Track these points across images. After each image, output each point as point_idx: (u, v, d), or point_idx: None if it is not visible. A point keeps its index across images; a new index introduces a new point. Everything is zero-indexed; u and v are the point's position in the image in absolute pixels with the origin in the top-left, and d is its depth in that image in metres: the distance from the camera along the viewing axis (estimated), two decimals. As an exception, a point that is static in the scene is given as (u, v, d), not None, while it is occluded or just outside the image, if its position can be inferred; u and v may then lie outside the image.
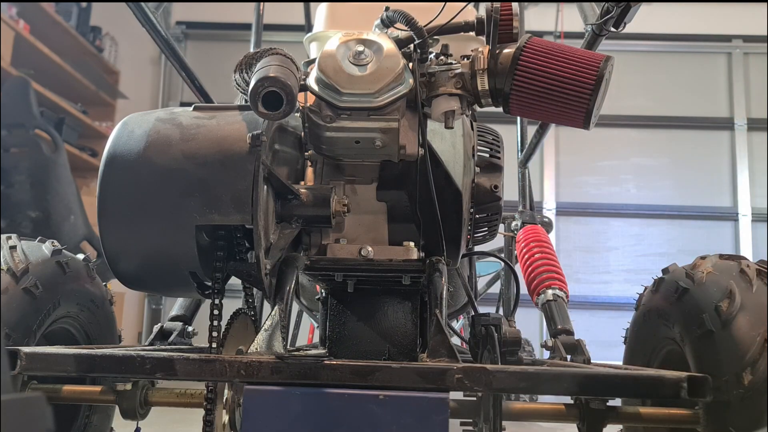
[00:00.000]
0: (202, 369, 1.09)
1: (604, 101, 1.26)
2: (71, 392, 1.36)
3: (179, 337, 1.68)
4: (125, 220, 1.23)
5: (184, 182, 1.21)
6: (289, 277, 1.31)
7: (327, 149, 1.34)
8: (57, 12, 4.96)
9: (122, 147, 1.26)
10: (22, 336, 1.32)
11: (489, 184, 1.52)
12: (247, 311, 1.39)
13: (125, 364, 1.12)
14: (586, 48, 1.60)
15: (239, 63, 1.29)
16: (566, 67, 1.23)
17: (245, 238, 1.26)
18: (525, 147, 2.67)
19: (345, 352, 1.47)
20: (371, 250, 1.38)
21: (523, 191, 2.68)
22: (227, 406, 1.24)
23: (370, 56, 1.25)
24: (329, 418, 1.04)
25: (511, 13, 1.29)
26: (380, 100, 1.25)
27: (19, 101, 3.96)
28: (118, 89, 5.75)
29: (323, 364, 1.07)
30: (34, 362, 1.14)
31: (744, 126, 5.67)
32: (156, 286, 1.41)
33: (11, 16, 4.35)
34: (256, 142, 1.20)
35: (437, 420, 1.03)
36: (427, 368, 1.06)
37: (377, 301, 1.51)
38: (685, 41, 5.85)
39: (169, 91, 6.01)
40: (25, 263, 1.36)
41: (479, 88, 1.29)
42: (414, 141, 1.33)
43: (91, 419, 1.63)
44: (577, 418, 1.23)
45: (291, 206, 1.32)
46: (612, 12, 1.49)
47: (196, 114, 1.31)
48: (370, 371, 1.06)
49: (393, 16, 1.34)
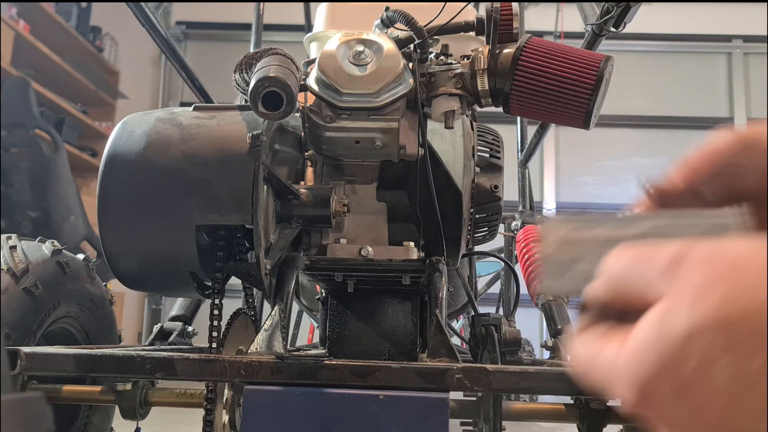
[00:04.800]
0: (202, 369, 1.09)
1: (604, 101, 1.26)
2: (71, 392, 1.36)
3: (179, 337, 1.68)
4: (125, 220, 1.23)
5: (184, 182, 1.21)
6: (289, 277, 1.31)
7: (327, 149, 1.34)
8: (57, 12, 4.96)
9: (122, 147, 1.26)
10: (22, 336, 1.32)
11: (489, 184, 1.52)
12: (247, 311, 1.39)
13: (125, 364, 1.12)
14: (586, 48, 1.60)
15: (239, 63, 1.29)
16: (566, 67, 1.23)
17: (245, 238, 1.26)
18: (525, 147, 2.67)
19: (345, 352, 1.47)
20: (371, 250, 1.38)
21: (523, 191, 2.68)
22: (227, 406, 1.24)
23: (370, 56, 1.25)
24: (329, 418, 1.04)
25: (511, 13, 1.29)
26: (380, 100, 1.25)
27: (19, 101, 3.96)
28: (118, 89, 5.75)
29: (323, 364, 1.07)
30: (34, 362, 1.14)
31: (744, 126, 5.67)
32: (156, 286, 1.41)
33: (11, 16, 4.35)
34: (256, 142, 1.20)
35: (437, 420, 1.03)
36: (427, 368, 1.06)
37: (377, 301, 1.51)
38: (685, 41, 5.85)
39: (169, 91, 6.01)
40: (25, 263, 1.36)
41: (479, 88, 1.29)
42: (414, 141, 1.33)
43: (91, 419, 1.63)
44: (577, 418, 1.23)
45: (291, 206, 1.32)
46: (612, 12, 1.49)
47: (196, 114, 1.31)
48: (370, 371, 1.06)
49: (393, 16, 1.34)
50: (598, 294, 0.39)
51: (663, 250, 0.35)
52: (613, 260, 0.39)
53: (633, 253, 0.37)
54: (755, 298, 0.31)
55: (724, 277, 0.32)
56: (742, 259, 0.33)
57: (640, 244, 0.38)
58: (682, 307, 0.32)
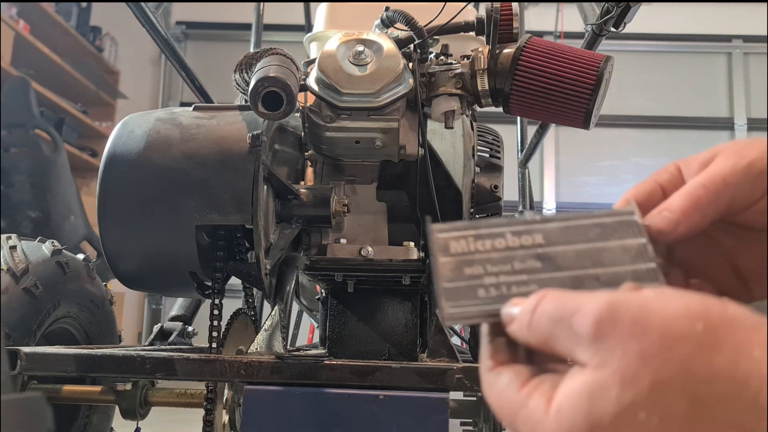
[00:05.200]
0: (202, 369, 1.09)
1: (604, 101, 1.26)
2: (71, 392, 1.36)
3: (179, 337, 1.68)
4: (125, 220, 1.23)
5: (184, 182, 1.21)
6: (289, 277, 1.31)
7: (327, 149, 1.34)
8: (57, 12, 4.96)
9: (122, 147, 1.26)
10: (22, 336, 1.32)
11: (489, 184, 1.52)
12: (247, 311, 1.39)
13: (125, 364, 1.12)
14: (586, 48, 1.60)
15: (239, 63, 1.29)
16: (566, 67, 1.23)
17: (245, 238, 1.26)
18: (525, 147, 2.67)
19: (345, 352, 1.47)
20: (371, 250, 1.38)
21: (523, 191, 2.68)
22: (227, 406, 1.24)
23: (370, 56, 1.25)
24: (329, 418, 1.04)
25: (511, 13, 1.29)
26: (380, 100, 1.25)
27: (19, 101, 3.96)
28: (118, 89, 5.75)
29: (323, 364, 1.07)
30: (34, 362, 1.14)
31: (744, 126, 5.67)
32: (156, 286, 1.41)
33: (11, 16, 4.35)
34: (256, 142, 1.20)
35: (437, 420, 1.03)
36: (427, 368, 1.06)
37: (377, 301, 1.51)
38: (685, 41, 5.84)
39: (169, 91, 6.01)
40: (25, 263, 1.36)
41: (479, 88, 1.29)
42: (414, 141, 1.33)
43: (91, 419, 1.63)
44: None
45: (291, 206, 1.32)
46: (612, 12, 1.49)
47: (196, 114, 1.31)
48: (370, 371, 1.06)
49: (393, 16, 1.34)
50: (520, 336, 0.38)
51: (588, 306, 0.34)
52: (536, 305, 0.37)
53: (557, 303, 0.36)
54: (687, 378, 0.31)
55: (655, 355, 0.31)
56: (671, 330, 0.31)
57: (562, 292, 0.36)
58: (611, 386, 0.32)
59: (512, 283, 0.40)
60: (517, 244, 0.41)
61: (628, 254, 0.40)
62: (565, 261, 0.41)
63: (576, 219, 0.42)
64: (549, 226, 0.42)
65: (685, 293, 0.33)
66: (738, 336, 0.31)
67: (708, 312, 0.32)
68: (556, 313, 0.35)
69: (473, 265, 0.41)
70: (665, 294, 0.33)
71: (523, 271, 0.40)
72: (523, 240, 0.41)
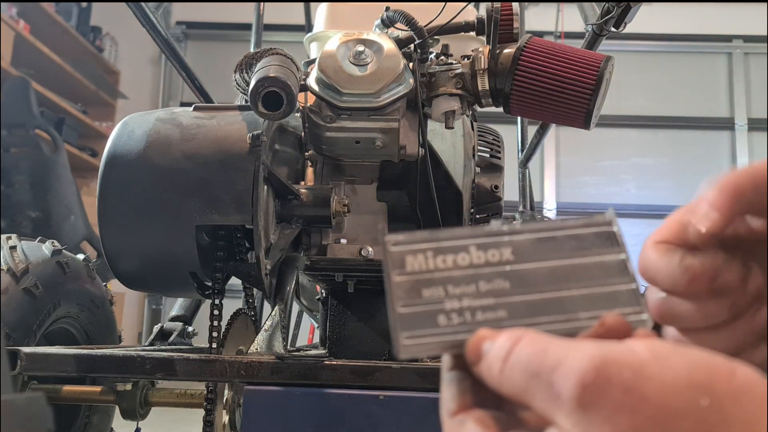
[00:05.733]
0: (202, 369, 1.09)
1: (604, 101, 1.26)
2: (71, 392, 1.36)
3: (179, 338, 1.68)
4: (125, 220, 1.23)
5: (184, 182, 1.21)
6: (289, 277, 1.31)
7: (327, 149, 1.34)
8: (57, 12, 4.96)
9: (122, 147, 1.26)
10: (22, 336, 1.32)
11: (489, 184, 1.52)
12: (247, 311, 1.39)
13: (125, 365, 1.12)
14: (587, 48, 1.60)
15: (239, 63, 1.29)
16: (566, 67, 1.23)
17: (245, 238, 1.26)
18: (525, 147, 2.67)
19: (345, 352, 1.47)
20: (371, 250, 1.38)
21: (523, 191, 2.68)
22: (227, 407, 1.24)
23: (371, 56, 1.25)
24: (329, 418, 1.04)
25: (512, 13, 1.29)
26: (380, 100, 1.25)
27: (19, 101, 3.96)
28: (118, 89, 5.75)
29: (323, 364, 1.07)
30: (34, 362, 1.14)
31: (744, 126, 5.66)
32: (156, 286, 1.41)
33: (11, 16, 4.35)
34: (256, 142, 1.20)
35: (437, 420, 1.03)
36: (427, 368, 1.06)
37: (377, 301, 1.51)
38: (685, 41, 5.84)
39: (169, 91, 6.01)
40: (25, 263, 1.36)
41: (479, 88, 1.29)
42: (414, 141, 1.33)
43: (91, 419, 1.63)
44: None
45: (291, 206, 1.32)
46: (612, 12, 1.48)
47: (196, 114, 1.30)
48: (370, 371, 1.06)
49: (393, 16, 1.34)
50: (489, 381, 0.33)
51: (573, 363, 0.29)
52: (509, 351, 0.32)
53: (534, 352, 0.31)
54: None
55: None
56: (670, 404, 0.27)
57: (541, 337, 0.32)
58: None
59: (477, 308, 0.35)
60: (482, 261, 0.36)
61: (606, 272, 0.36)
62: (537, 280, 0.36)
63: (549, 230, 0.37)
64: (518, 238, 0.37)
65: (686, 353, 0.29)
66: (747, 411, 0.27)
67: (713, 382, 0.28)
68: (533, 365, 0.30)
69: (432, 285, 0.36)
70: (663, 355, 0.29)
71: (490, 293, 0.36)
72: (490, 255, 0.36)
